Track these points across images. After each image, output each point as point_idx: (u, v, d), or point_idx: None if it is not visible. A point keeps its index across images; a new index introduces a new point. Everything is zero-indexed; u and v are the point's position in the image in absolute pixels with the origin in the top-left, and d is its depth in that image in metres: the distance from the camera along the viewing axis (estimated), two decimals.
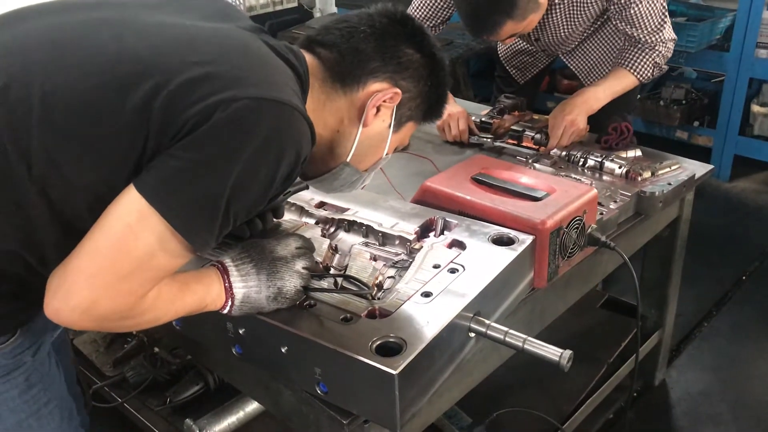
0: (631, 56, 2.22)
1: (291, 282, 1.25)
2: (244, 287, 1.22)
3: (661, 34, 2.17)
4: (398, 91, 1.26)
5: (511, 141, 2.29)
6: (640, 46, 2.21)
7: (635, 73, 2.23)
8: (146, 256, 1.02)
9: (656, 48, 2.19)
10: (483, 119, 2.36)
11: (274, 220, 1.51)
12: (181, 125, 1.01)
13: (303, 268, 1.27)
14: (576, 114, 2.17)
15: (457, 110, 2.35)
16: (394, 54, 1.25)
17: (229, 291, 1.21)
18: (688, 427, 2.44)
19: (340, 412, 1.25)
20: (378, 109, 1.27)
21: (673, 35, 2.22)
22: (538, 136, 2.22)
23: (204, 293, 1.19)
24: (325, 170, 1.32)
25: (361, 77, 1.24)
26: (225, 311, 1.23)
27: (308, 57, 1.25)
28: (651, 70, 2.23)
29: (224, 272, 1.22)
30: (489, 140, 2.31)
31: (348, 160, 1.30)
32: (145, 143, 1.03)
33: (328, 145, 1.29)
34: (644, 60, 2.21)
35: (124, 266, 1.02)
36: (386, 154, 1.35)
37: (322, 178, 1.34)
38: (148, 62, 1.06)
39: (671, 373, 2.66)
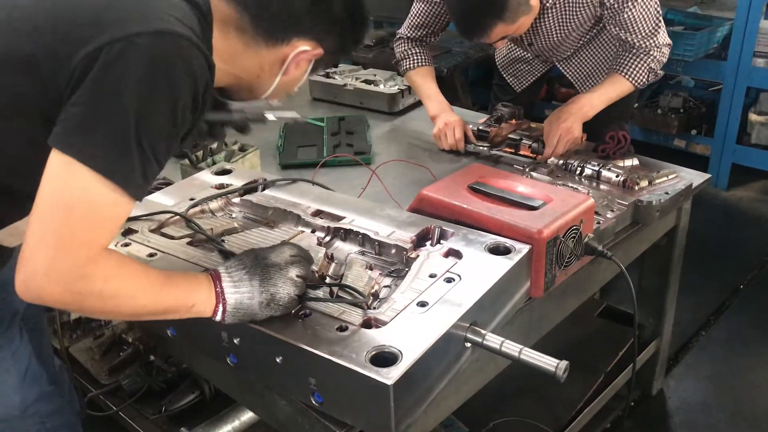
0: (625, 62, 2.22)
1: (284, 289, 1.25)
2: (236, 293, 1.23)
3: (655, 38, 2.17)
4: (322, 51, 1.30)
5: (508, 149, 2.29)
6: (634, 51, 2.21)
7: (630, 79, 2.22)
8: (82, 204, 1.06)
9: (651, 53, 2.19)
10: (480, 127, 2.36)
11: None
12: (71, 74, 1.07)
13: (297, 276, 1.27)
14: (571, 121, 2.17)
15: (454, 119, 2.35)
16: (325, 16, 1.28)
17: (220, 296, 1.22)
18: None
19: (335, 423, 1.25)
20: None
21: (668, 40, 2.22)
22: (535, 144, 2.22)
23: (189, 290, 1.20)
24: (245, 100, 1.40)
25: (287, 36, 1.28)
26: (217, 318, 1.23)
27: (223, 3, 1.26)
28: (646, 76, 2.22)
29: (216, 278, 1.24)
30: (486, 149, 2.31)
31: (263, 98, 1.38)
32: (44, 94, 1.09)
33: (248, 87, 1.35)
34: (639, 65, 2.21)
35: (65, 218, 1.05)
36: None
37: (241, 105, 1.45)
38: (40, 17, 1.12)
39: (669, 382, 2.66)
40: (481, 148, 2.32)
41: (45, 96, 1.09)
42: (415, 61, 2.49)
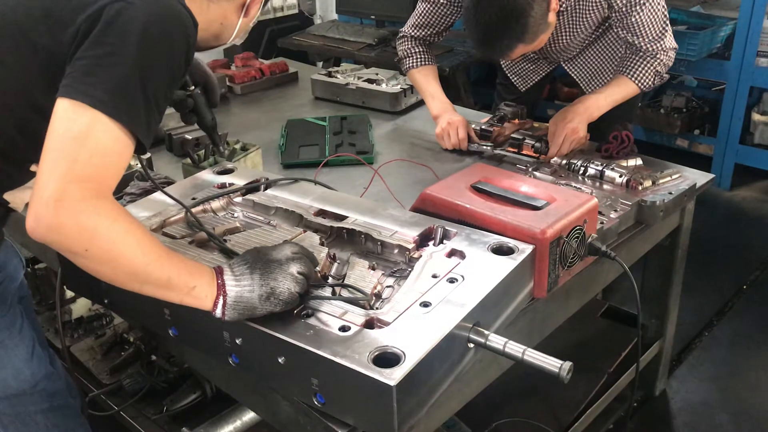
0: (632, 64, 2.22)
1: (284, 284, 1.24)
2: (237, 286, 1.23)
3: (662, 42, 2.17)
4: None
5: (511, 149, 2.28)
6: (641, 54, 2.20)
7: (636, 81, 2.22)
8: (90, 141, 1.12)
9: (657, 56, 2.19)
10: (483, 127, 2.35)
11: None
12: (75, 32, 1.18)
13: (298, 272, 1.26)
14: (577, 122, 2.16)
15: (456, 118, 2.35)
16: None
17: (221, 288, 1.23)
18: None
19: (338, 423, 1.24)
20: None
21: (674, 44, 2.22)
22: (538, 144, 2.22)
23: (192, 270, 1.22)
24: (212, 47, 1.51)
25: None
26: (218, 311, 1.23)
27: None
28: (652, 79, 2.22)
29: (219, 272, 1.25)
30: (489, 148, 2.30)
31: (229, 42, 1.49)
32: (48, 61, 1.20)
33: (213, 35, 1.44)
34: (645, 68, 2.20)
35: (74, 152, 1.11)
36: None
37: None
38: None
39: (672, 383, 2.65)
40: (484, 147, 2.31)
41: (48, 62, 1.19)
42: (418, 59, 2.48)
